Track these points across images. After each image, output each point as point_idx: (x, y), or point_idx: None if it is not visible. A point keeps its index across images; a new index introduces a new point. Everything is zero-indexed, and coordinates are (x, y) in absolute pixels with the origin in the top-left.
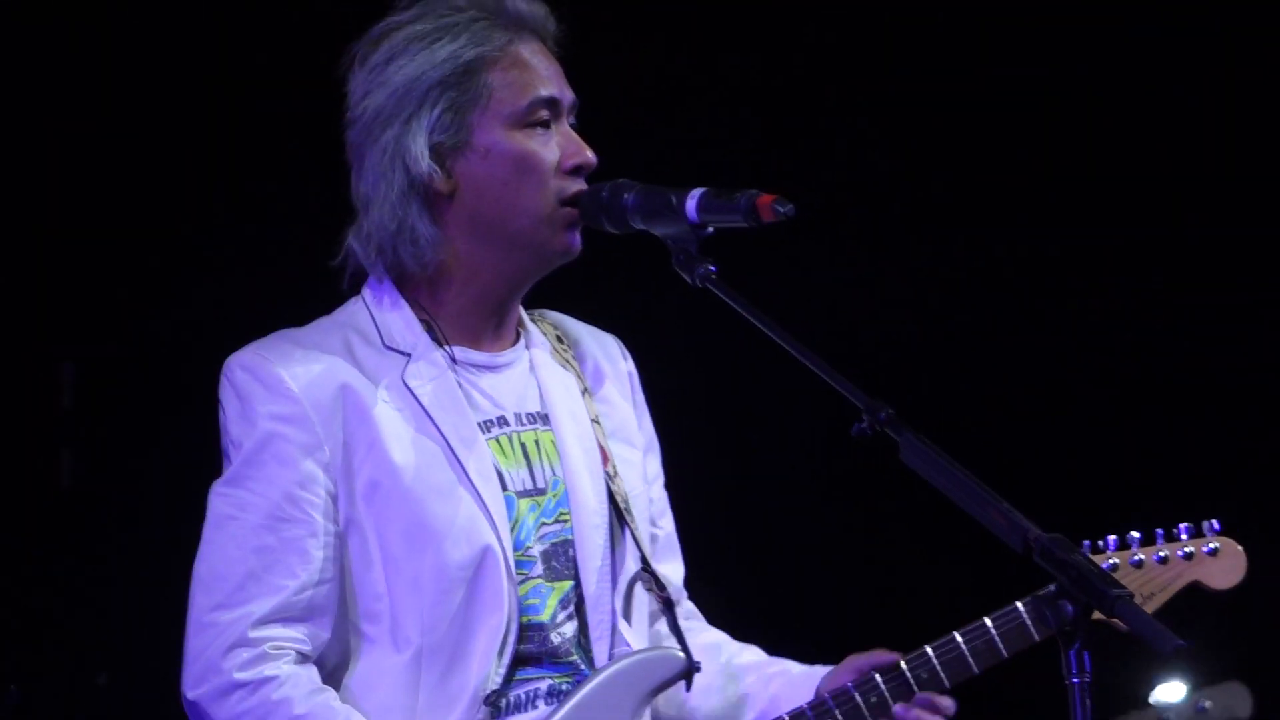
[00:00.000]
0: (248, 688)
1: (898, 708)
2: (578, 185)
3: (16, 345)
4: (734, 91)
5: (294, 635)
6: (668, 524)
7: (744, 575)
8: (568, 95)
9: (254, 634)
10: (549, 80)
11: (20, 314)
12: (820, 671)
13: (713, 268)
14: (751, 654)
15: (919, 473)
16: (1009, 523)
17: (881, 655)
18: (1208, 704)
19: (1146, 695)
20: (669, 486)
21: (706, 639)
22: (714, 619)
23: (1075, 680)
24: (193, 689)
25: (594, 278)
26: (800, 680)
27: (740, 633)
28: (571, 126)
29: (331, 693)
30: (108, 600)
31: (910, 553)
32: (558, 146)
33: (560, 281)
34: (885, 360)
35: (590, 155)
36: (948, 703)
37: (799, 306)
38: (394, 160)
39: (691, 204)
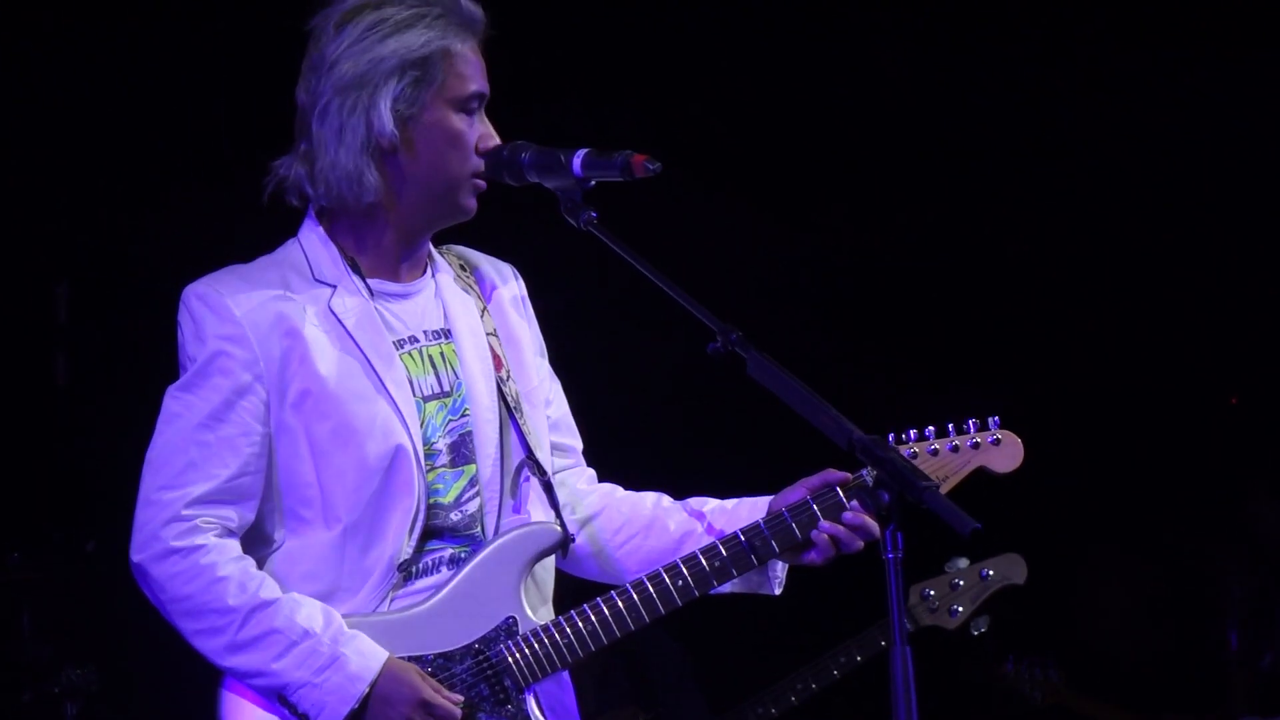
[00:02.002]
0: (181, 553)
1: (825, 524)
2: (481, 163)
3: (18, 266)
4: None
5: (222, 514)
6: (560, 408)
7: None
8: (488, 91)
9: (188, 511)
10: (482, 77)
11: (21, 239)
12: (764, 500)
13: (594, 214)
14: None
15: (763, 384)
16: (837, 425)
17: (833, 473)
18: (990, 572)
19: (941, 564)
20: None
21: (629, 494)
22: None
23: (890, 556)
24: (137, 553)
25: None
26: (745, 510)
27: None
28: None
29: (250, 560)
30: (94, 478)
31: (757, 448)
32: (477, 131)
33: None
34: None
35: (497, 142)
36: (874, 526)
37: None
38: (361, 116)
39: (577, 161)
